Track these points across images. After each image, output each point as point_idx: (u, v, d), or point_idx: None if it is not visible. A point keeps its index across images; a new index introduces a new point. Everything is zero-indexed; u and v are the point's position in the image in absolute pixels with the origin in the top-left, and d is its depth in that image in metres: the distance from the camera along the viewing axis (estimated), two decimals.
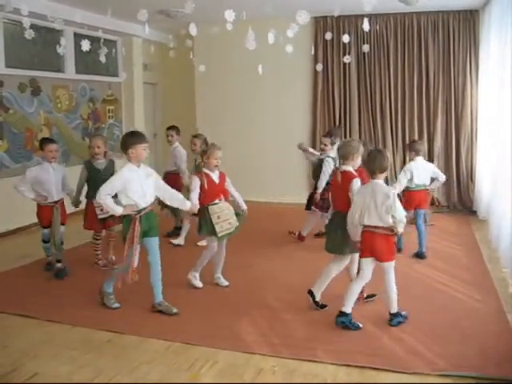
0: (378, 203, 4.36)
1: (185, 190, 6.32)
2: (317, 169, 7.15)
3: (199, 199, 5.35)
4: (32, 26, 6.26)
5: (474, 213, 8.89)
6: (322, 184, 6.94)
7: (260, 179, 8.42)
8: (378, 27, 9.18)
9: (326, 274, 4.99)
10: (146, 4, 6.69)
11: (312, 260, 6.53)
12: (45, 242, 6.13)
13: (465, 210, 9.15)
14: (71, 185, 6.08)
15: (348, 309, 4.55)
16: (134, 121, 10.73)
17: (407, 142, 9.49)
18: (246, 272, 5.90)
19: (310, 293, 5.01)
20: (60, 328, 4.63)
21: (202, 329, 4.56)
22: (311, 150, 7.63)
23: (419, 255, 6.43)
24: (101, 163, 5.99)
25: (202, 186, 5.33)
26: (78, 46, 9.11)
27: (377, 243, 4.43)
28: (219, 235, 5.31)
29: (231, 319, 4.70)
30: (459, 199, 9.32)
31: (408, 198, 6.41)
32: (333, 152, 6.96)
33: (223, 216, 5.35)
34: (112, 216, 5.79)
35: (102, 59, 7.51)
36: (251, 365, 3.95)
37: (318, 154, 7.36)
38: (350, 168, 4.88)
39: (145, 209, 4.71)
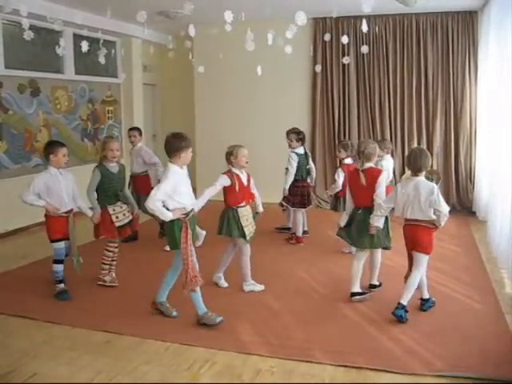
0: (421, 199, 4.60)
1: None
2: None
3: (225, 200, 5.35)
4: (31, 27, 6.26)
5: (473, 213, 8.90)
6: (288, 179, 7.14)
7: (258, 179, 8.34)
8: (376, 28, 9.19)
9: (375, 265, 5.43)
10: (145, 5, 6.69)
11: (312, 260, 6.55)
12: (59, 261, 5.35)
13: (464, 210, 9.16)
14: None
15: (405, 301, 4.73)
16: (133, 122, 10.72)
17: (406, 142, 9.54)
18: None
19: (372, 286, 5.45)
20: (59, 329, 4.63)
21: (200, 330, 4.56)
22: None
23: None
24: (114, 167, 5.63)
25: (231, 188, 5.26)
26: (77, 47, 9.13)
27: (418, 235, 4.70)
28: (247, 238, 5.32)
29: (229, 320, 4.69)
30: (458, 200, 9.32)
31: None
32: (300, 149, 7.25)
33: (249, 219, 5.39)
34: (128, 223, 5.67)
35: (102, 60, 7.52)
36: (249, 365, 3.96)
37: None
38: (372, 164, 5.23)
39: (191, 211, 4.61)
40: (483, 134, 8.69)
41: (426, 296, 4.99)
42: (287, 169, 7.23)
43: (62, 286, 5.35)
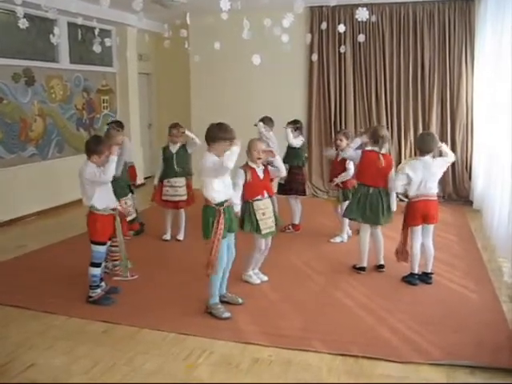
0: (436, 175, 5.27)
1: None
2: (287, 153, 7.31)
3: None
4: (25, 16, 6.20)
5: (469, 203, 8.90)
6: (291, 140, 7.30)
7: None
8: (373, 17, 9.13)
9: (379, 243, 5.75)
10: None
11: (308, 249, 6.55)
12: (98, 265, 4.92)
13: (460, 199, 9.17)
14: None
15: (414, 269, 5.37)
16: (128, 111, 10.69)
17: (402, 131, 9.54)
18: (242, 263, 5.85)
19: (380, 266, 5.75)
20: (55, 319, 4.62)
21: (197, 319, 4.56)
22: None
23: None
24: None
25: (245, 181, 5.12)
26: (72, 36, 9.08)
27: (433, 208, 5.23)
28: (263, 232, 5.12)
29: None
30: (454, 189, 9.32)
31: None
32: (301, 137, 7.45)
33: (268, 213, 5.17)
34: (135, 219, 5.53)
35: (97, 49, 7.44)
36: (247, 355, 3.97)
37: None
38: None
39: (227, 201, 4.59)
40: (480, 122, 8.69)
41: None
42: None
43: (99, 291, 4.95)
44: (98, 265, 4.91)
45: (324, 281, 5.51)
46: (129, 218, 5.38)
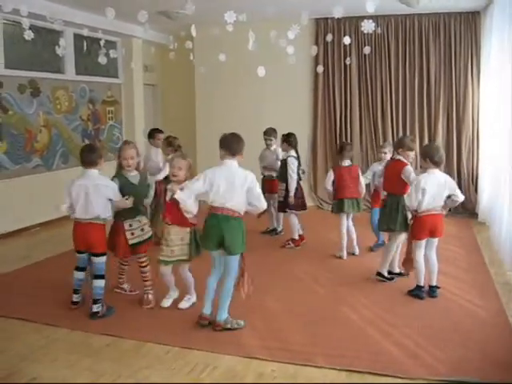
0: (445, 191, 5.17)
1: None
2: (282, 169, 7.18)
3: None
4: (31, 27, 6.23)
5: (475, 215, 8.84)
6: (292, 186, 6.97)
7: (259, 181, 8.36)
8: (379, 29, 9.14)
9: (387, 252, 5.75)
10: (146, 5, 6.64)
11: (312, 262, 6.51)
12: (104, 276, 4.94)
13: (466, 212, 9.10)
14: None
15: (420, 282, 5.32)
16: (134, 122, 10.71)
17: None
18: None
19: (379, 274, 5.77)
20: (59, 332, 4.59)
21: (200, 333, 4.52)
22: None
23: None
24: (134, 176, 5.06)
25: None
26: (77, 47, 9.11)
27: (440, 222, 5.20)
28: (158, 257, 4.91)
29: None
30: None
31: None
32: (293, 151, 7.13)
33: (169, 242, 4.85)
34: (143, 241, 5.12)
35: (102, 60, 7.45)
36: (251, 369, 3.92)
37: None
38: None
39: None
40: (486, 134, 8.65)
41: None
42: (277, 176, 7.31)
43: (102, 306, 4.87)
44: (103, 276, 4.90)
45: (328, 295, 5.45)
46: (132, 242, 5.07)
